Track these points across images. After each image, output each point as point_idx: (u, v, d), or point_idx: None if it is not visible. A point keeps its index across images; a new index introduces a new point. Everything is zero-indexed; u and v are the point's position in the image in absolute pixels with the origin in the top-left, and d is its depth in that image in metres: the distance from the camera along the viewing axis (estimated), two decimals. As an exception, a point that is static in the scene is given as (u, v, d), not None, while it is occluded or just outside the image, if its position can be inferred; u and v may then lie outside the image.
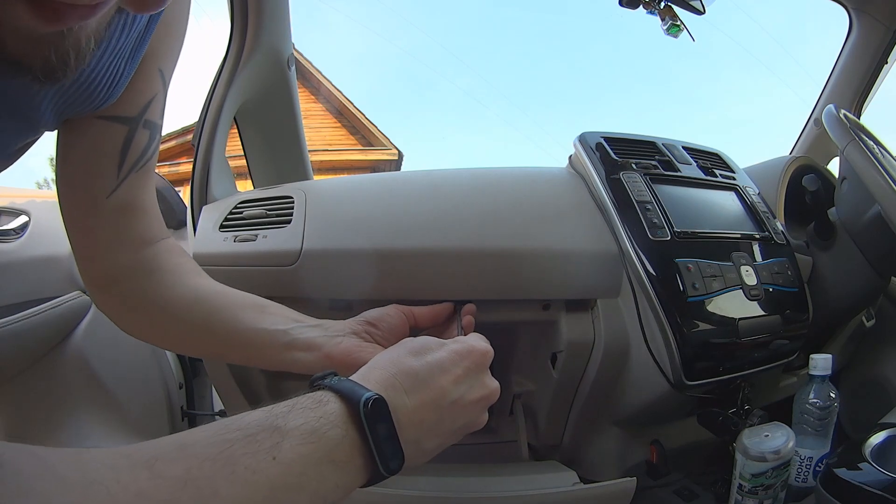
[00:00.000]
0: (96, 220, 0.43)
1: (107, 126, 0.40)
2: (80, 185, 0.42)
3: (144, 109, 0.41)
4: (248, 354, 0.47)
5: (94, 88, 0.36)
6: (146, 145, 0.42)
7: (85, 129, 0.39)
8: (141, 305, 0.46)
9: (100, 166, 0.41)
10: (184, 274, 0.47)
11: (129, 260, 0.45)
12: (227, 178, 0.82)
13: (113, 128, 0.40)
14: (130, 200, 0.43)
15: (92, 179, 0.41)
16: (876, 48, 1.00)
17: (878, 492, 0.53)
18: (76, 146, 0.40)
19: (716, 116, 15.28)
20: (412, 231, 0.66)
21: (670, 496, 0.73)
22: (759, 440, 0.61)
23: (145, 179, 0.44)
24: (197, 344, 0.49)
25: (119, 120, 0.40)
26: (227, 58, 0.83)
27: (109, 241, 0.44)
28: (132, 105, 0.40)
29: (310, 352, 0.45)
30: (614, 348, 0.68)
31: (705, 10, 0.82)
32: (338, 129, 7.22)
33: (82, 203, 0.42)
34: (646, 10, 0.83)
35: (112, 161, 0.41)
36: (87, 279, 0.46)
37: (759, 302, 0.67)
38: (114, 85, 0.37)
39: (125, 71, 0.37)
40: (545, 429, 0.76)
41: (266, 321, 0.46)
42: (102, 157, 0.41)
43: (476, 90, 14.29)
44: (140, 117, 0.41)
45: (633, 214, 0.66)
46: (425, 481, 0.61)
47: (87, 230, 0.44)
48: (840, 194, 0.77)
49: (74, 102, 0.36)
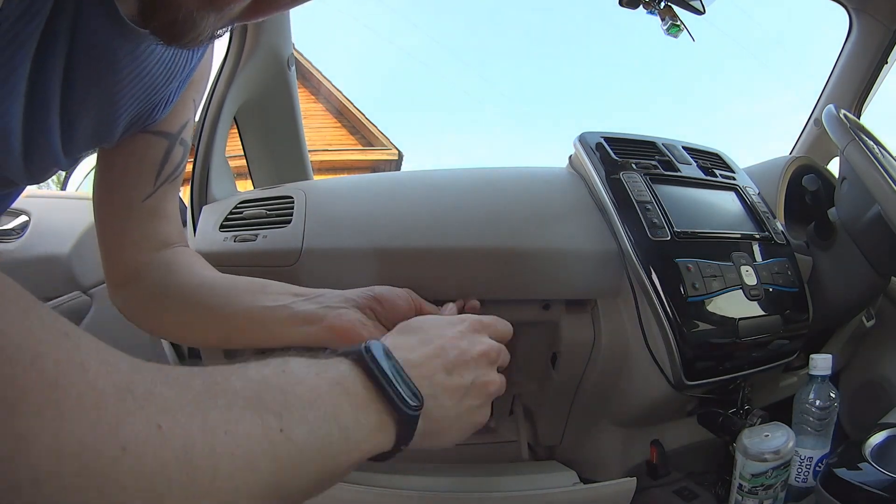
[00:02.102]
0: (129, 221, 0.48)
1: (152, 139, 0.46)
2: (121, 190, 0.47)
3: (181, 129, 0.48)
4: (254, 334, 0.48)
5: (158, 103, 0.42)
6: (180, 160, 0.49)
7: (133, 142, 0.45)
8: (155, 296, 0.49)
9: (141, 174, 0.47)
10: (194, 266, 0.51)
11: (149, 258, 0.49)
12: (227, 178, 0.82)
13: (157, 141, 0.46)
14: (159, 206, 0.49)
15: (133, 185, 0.47)
16: (876, 48, 1.00)
17: (878, 492, 0.53)
18: (122, 155, 0.46)
19: (716, 116, 15.31)
20: (412, 231, 0.66)
21: (670, 496, 0.73)
22: (759, 440, 0.61)
23: (173, 190, 0.50)
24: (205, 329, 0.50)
25: (162, 135, 0.46)
26: (227, 58, 0.83)
27: (137, 240, 0.49)
28: (173, 124, 0.47)
29: (312, 325, 0.45)
30: (614, 348, 0.68)
31: (705, 10, 0.82)
32: (338, 129, 7.22)
33: (120, 205, 0.47)
34: (646, 10, 0.83)
35: (152, 170, 0.47)
36: (111, 277, 0.50)
37: (759, 302, 0.67)
38: (169, 103, 0.44)
39: (176, 94, 0.44)
40: (545, 429, 0.76)
41: (267, 299, 0.47)
42: (145, 166, 0.47)
43: (476, 90, 14.30)
44: (178, 135, 0.48)
45: (633, 214, 0.66)
46: (425, 481, 0.61)
47: (118, 231, 0.48)
48: (840, 194, 0.77)
49: (140, 119, 0.42)
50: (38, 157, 0.36)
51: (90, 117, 0.37)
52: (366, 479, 0.57)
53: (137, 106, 0.40)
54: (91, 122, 0.37)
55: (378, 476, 0.59)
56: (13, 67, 0.29)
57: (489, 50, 13.47)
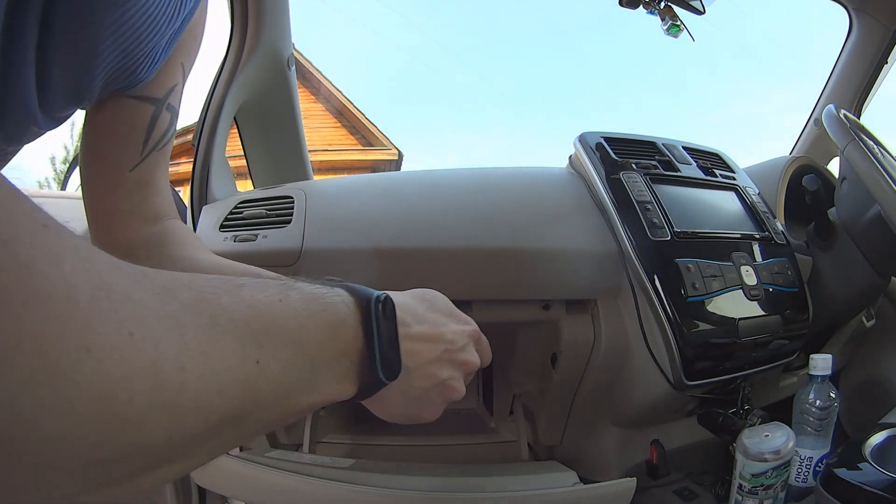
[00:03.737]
0: (117, 192, 0.46)
1: (136, 104, 0.44)
2: (106, 157, 0.45)
3: (168, 94, 0.46)
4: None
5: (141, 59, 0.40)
6: (167, 127, 0.47)
7: (116, 106, 0.44)
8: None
9: (127, 141, 0.45)
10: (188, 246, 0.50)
11: (142, 233, 0.48)
12: (227, 178, 0.82)
13: (141, 106, 0.44)
14: (148, 177, 0.47)
15: (119, 152, 0.45)
16: (876, 48, 1.00)
17: (878, 492, 0.53)
18: (106, 121, 0.44)
19: (716, 116, 15.30)
20: (412, 231, 0.66)
21: (670, 496, 0.73)
22: (759, 440, 0.61)
23: (163, 160, 0.48)
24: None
25: (147, 100, 0.44)
26: (227, 58, 0.83)
27: (126, 213, 0.47)
28: (158, 88, 0.45)
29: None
30: (614, 348, 0.68)
31: (705, 10, 0.82)
32: (338, 129, 7.22)
33: (107, 175, 0.46)
34: (646, 10, 0.83)
35: (138, 137, 0.45)
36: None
37: (759, 302, 0.67)
38: (155, 63, 0.42)
39: (162, 54, 0.42)
40: (545, 429, 0.76)
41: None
42: (130, 132, 0.45)
43: (476, 90, 14.30)
44: (165, 100, 0.46)
45: (633, 214, 0.66)
46: (426, 481, 0.61)
47: (107, 202, 0.47)
48: (840, 194, 0.77)
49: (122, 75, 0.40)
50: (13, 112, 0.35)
51: (68, 68, 0.36)
52: (366, 479, 0.57)
53: (118, 58, 0.39)
54: (69, 73, 0.36)
55: (378, 476, 0.59)
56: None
57: (489, 50, 13.47)
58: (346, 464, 0.62)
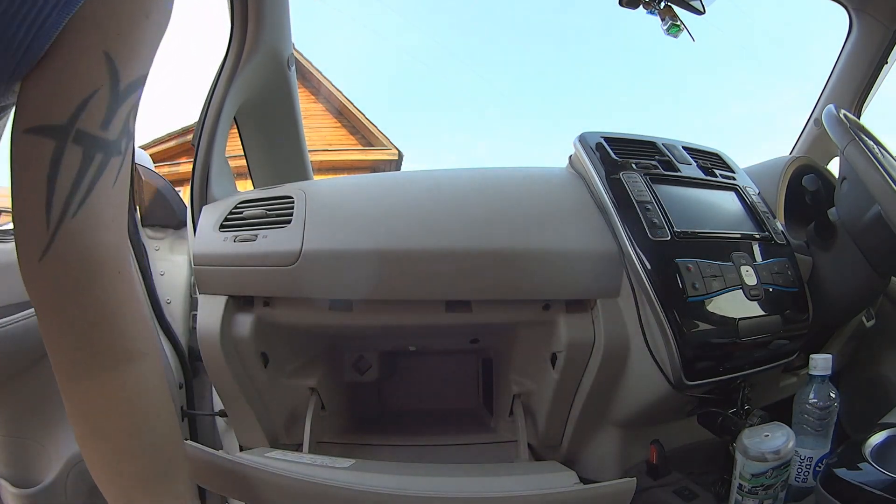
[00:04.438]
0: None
1: (29, 140, 0.27)
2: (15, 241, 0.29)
3: (78, 113, 0.27)
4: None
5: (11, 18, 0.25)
6: (80, 169, 0.27)
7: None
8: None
9: (24, 209, 0.27)
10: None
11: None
12: (227, 178, 0.82)
13: (38, 142, 0.27)
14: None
15: (20, 234, 0.28)
16: (876, 48, 1.00)
17: (878, 492, 0.53)
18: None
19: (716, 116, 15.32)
20: (412, 231, 0.66)
21: (670, 496, 0.73)
22: (759, 440, 0.61)
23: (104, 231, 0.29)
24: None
25: (42, 131, 0.27)
26: (227, 58, 0.83)
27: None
28: (60, 101, 0.27)
29: None
30: (614, 348, 0.68)
31: (705, 10, 0.82)
32: (338, 129, 7.21)
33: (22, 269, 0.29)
34: (646, 10, 0.83)
35: (41, 186, 0.27)
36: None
37: (759, 302, 0.67)
38: (34, 28, 0.25)
39: (52, 16, 0.26)
40: (545, 429, 0.76)
41: None
42: (31, 180, 0.27)
43: (476, 90, 14.30)
44: (70, 126, 0.27)
45: (633, 214, 0.66)
46: (426, 481, 0.61)
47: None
48: (840, 194, 0.77)
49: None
50: None
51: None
52: (366, 480, 0.57)
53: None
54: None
55: (378, 476, 0.59)
56: None
57: (489, 50, 13.47)
58: (346, 464, 0.62)
